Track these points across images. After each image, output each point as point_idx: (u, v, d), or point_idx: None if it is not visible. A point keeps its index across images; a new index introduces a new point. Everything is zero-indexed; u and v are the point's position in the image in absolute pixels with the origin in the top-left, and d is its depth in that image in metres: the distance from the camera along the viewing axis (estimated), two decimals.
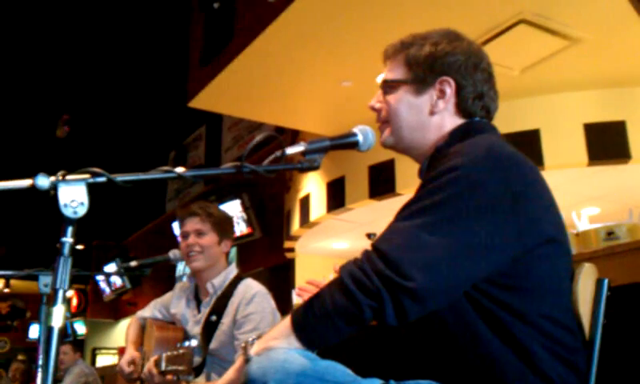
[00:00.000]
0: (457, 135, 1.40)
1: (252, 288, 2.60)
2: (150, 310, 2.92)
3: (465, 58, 1.43)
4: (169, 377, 2.33)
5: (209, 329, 2.57)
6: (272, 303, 2.59)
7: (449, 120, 1.44)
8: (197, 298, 2.74)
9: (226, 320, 2.55)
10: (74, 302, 14.47)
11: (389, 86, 1.48)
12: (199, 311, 2.69)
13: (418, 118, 1.45)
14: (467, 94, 1.43)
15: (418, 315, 1.14)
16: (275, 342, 1.20)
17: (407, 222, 1.19)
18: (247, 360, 1.22)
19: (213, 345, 2.55)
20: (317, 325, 1.17)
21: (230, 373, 1.47)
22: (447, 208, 1.17)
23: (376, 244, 1.19)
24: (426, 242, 1.14)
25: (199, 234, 2.63)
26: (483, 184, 1.19)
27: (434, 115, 1.44)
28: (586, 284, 1.36)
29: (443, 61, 1.42)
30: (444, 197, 1.18)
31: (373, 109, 1.53)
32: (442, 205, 1.18)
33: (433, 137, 1.44)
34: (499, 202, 1.19)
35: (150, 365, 2.44)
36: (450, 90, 1.43)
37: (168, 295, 2.91)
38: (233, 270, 2.71)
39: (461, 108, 1.44)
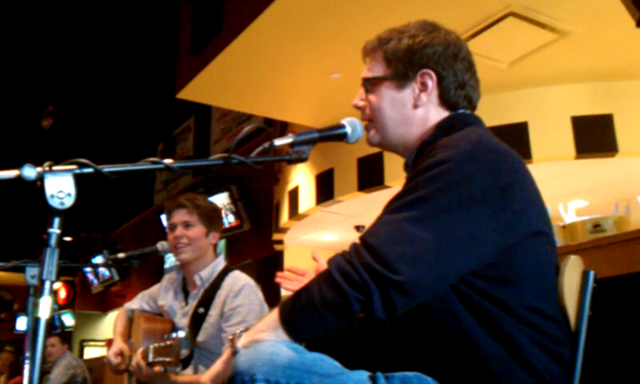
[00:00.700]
0: (443, 128, 1.40)
1: (240, 280, 2.59)
2: (138, 302, 2.92)
3: (443, 48, 1.43)
4: (156, 368, 2.32)
5: (196, 321, 2.57)
6: (260, 295, 2.59)
7: (433, 112, 1.44)
8: (185, 290, 2.74)
9: (214, 312, 2.54)
10: (63, 294, 14.39)
11: (370, 84, 1.48)
12: (187, 303, 2.68)
13: (401, 112, 1.45)
14: (449, 85, 1.43)
15: (405, 308, 1.14)
16: (263, 334, 1.20)
17: (395, 215, 1.20)
18: (235, 352, 1.22)
19: (200, 337, 2.54)
20: (305, 317, 1.18)
21: (218, 365, 1.47)
22: (435, 201, 1.18)
23: (364, 237, 1.19)
24: (414, 235, 1.14)
25: (187, 225, 2.62)
26: (471, 177, 1.19)
27: (418, 108, 1.44)
28: (571, 276, 1.36)
29: (422, 53, 1.42)
30: (432, 190, 1.19)
31: (357, 107, 1.53)
32: (430, 198, 1.18)
33: (418, 130, 1.44)
34: (487, 195, 1.19)
35: (137, 356, 2.43)
36: (431, 83, 1.43)
37: (156, 287, 2.90)
38: (221, 262, 2.71)
39: (444, 99, 1.44)
